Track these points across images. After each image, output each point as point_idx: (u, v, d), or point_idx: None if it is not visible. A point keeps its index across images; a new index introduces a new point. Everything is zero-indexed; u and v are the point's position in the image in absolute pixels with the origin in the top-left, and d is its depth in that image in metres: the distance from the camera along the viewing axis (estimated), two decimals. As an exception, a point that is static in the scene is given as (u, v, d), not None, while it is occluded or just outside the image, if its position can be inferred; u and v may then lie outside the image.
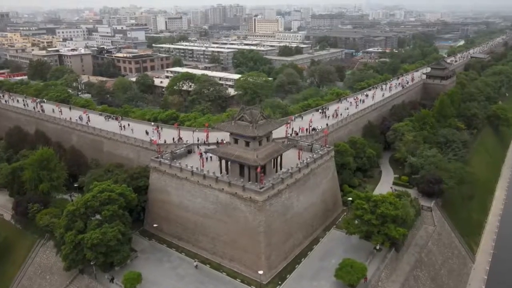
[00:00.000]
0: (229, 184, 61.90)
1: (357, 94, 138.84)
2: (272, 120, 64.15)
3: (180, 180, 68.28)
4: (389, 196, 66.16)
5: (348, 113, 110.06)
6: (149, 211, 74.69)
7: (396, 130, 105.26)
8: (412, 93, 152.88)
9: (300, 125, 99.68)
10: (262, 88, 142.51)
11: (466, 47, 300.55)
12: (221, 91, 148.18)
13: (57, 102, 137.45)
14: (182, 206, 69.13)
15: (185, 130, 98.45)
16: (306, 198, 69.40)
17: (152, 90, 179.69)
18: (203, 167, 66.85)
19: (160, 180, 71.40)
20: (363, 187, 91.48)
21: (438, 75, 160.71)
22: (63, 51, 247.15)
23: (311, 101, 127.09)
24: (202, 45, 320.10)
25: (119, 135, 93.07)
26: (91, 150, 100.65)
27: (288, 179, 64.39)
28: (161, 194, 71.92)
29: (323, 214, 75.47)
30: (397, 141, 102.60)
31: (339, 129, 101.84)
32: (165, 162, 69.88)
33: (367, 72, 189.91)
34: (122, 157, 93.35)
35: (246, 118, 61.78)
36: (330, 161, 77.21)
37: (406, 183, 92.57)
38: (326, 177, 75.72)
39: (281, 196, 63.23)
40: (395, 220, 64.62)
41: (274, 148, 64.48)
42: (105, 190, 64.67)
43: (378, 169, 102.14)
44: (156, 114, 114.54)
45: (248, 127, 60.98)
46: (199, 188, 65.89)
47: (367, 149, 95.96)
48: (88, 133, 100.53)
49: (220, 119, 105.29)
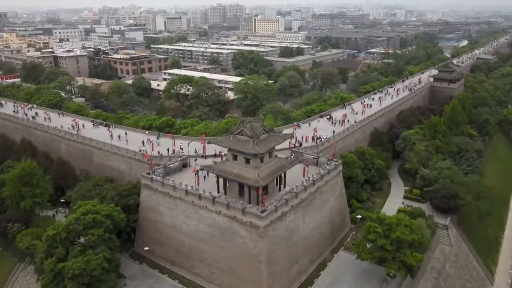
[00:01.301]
0: (227, 207, 55.51)
1: (363, 98, 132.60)
2: (275, 134, 57.81)
3: (174, 200, 61.90)
4: (404, 218, 59.68)
5: (355, 119, 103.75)
6: (140, 232, 68.30)
7: (406, 139, 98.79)
8: (419, 97, 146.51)
9: (304, 133, 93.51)
10: (263, 92, 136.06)
11: (471, 48, 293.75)
12: (220, 96, 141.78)
13: (48, 107, 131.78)
14: (176, 228, 62.75)
15: (181, 139, 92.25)
16: (312, 219, 63.03)
17: (148, 94, 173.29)
18: (198, 186, 60.44)
19: (152, 199, 65.01)
20: (372, 202, 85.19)
21: (446, 78, 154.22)
22: (58, 53, 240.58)
23: (314, 106, 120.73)
24: (201, 45, 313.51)
25: (109, 145, 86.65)
26: (81, 161, 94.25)
27: (292, 200, 58.00)
28: (153, 214, 65.54)
29: (331, 234, 69.10)
30: (407, 151, 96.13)
31: (346, 138, 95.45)
32: (157, 179, 63.48)
33: (371, 75, 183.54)
34: (113, 168, 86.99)
35: (246, 132, 55.41)
36: (338, 177, 70.82)
37: (418, 196, 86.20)
38: (333, 195, 69.34)
39: (285, 219, 56.83)
40: (411, 244, 58.34)
41: (277, 165, 58.10)
42: (90, 211, 58.26)
43: (387, 180, 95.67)
44: (151, 121, 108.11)
45: (248, 143, 54.59)
46: (194, 209, 59.51)
47: (376, 160, 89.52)
48: (77, 142, 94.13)
49: (218, 128, 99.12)
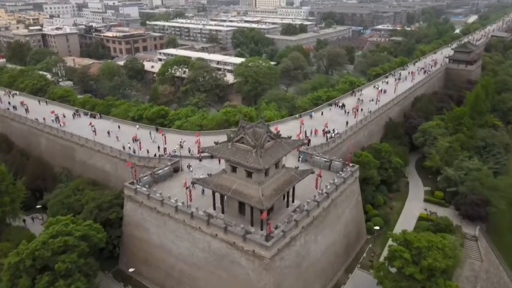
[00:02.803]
0: (224, 230, 45.80)
1: (375, 82, 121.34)
2: (282, 141, 47.50)
3: (161, 216, 52.18)
4: (436, 240, 50.01)
5: (369, 108, 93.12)
6: (125, 249, 58.96)
7: (426, 132, 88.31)
8: (434, 81, 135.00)
9: (312, 125, 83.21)
10: (265, 76, 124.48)
11: (482, 24, 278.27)
12: (219, 79, 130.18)
13: (32, 93, 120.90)
14: (165, 248, 53.32)
15: (174, 134, 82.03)
16: (325, 238, 53.51)
17: (142, 76, 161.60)
18: (190, 201, 50.57)
19: (137, 213, 55.31)
20: (389, 207, 75.58)
21: (463, 59, 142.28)
22: (47, 30, 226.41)
23: (321, 92, 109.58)
24: (199, 22, 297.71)
25: (92, 142, 76.43)
26: (62, 158, 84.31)
27: (303, 220, 48.25)
28: (138, 231, 56.00)
29: (345, 251, 59.83)
30: (427, 146, 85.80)
31: (358, 131, 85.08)
32: (141, 191, 53.53)
33: (380, 55, 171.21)
34: (97, 168, 77.13)
35: (247, 140, 45.08)
36: (354, 184, 60.94)
37: (440, 200, 76.54)
38: (349, 205, 59.64)
39: (295, 243, 47.26)
40: (444, 271, 49.04)
41: (285, 178, 48.02)
42: (60, 233, 48.62)
43: (404, 179, 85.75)
44: (142, 110, 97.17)
45: (250, 154, 44.36)
46: (186, 230, 49.87)
47: (393, 158, 79.40)
48: (58, 137, 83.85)
49: (215, 119, 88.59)
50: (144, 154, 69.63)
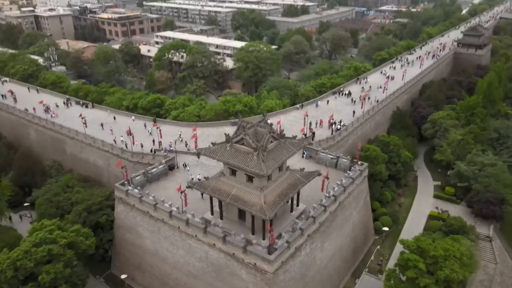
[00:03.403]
0: (223, 240, 41.79)
1: (382, 68, 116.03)
2: (287, 141, 42.99)
3: (155, 221, 48.14)
4: (453, 249, 46.01)
5: (376, 98, 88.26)
6: (117, 254, 55.21)
7: (436, 123, 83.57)
8: (442, 66, 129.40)
9: (316, 116, 78.77)
10: (266, 62, 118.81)
11: (490, 5, 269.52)
12: (218, 65, 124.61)
13: (23, 79, 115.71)
14: (159, 255, 49.46)
15: (171, 125, 77.59)
16: (332, 244, 49.62)
17: (138, 61, 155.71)
18: (186, 206, 46.43)
19: (129, 216, 51.27)
20: (397, 203, 71.61)
21: (473, 43, 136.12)
22: (40, 12, 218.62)
23: (325, 80, 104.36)
24: (197, 3, 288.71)
25: (83, 135, 71.94)
26: (52, 151, 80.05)
27: (310, 227, 44.21)
28: (131, 235, 52.07)
29: (352, 254, 56.08)
30: (437, 138, 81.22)
31: (365, 122, 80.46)
32: (133, 193, 49.32)
33: (385, 38, 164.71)
34: (89, 163, 72.91)
35: (248, 142, 40.55)
36: (362, 184, 56.71)
37: (451, 196, 72.48)
38: (357, 207, 55.56)
39: (300, 253, 43.33)
40: (461, 281, 45.34)
41: (290, 182, 43.70)
42: (44, 241, 44.66)
43: (412, 172, 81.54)
44: (136, 99, 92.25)
45: (251, 157, 39.92)
46: (181, 237, 45.89)
47: (402, 151, 74.96)
48: (47, 129, 79.28)
49: (214, 109, 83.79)
50: (138, 148, 65.40)
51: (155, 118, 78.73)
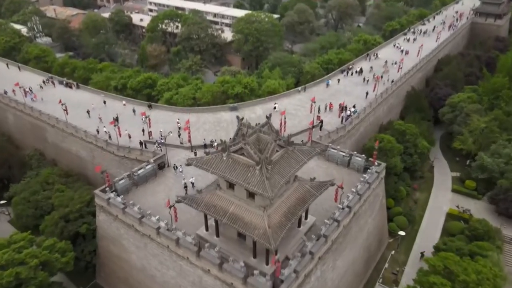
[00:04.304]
0: (219, 267, 35.40)
1: (394, 40, 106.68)
2: (295, 149, 35.70)
3: (141, 236, 41.66)
4: (486, 271, 39.76)
5: (388, 76, 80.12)
6: (102, 265, 49.22)
7: (456, 107, 75.76)
8: (458, 39, 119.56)
9: (324, 99, 71.18)
10: (268, 34, 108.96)
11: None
12: (215, 37, 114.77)
13: (3, 53, 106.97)
14: (147, 273, 43.37)
15: (162, 110, 70.05)
16: (345, 260, 43.44)
17: (130, 31, 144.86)
18: (176, 221, 39.77)
19: (112, 227, 44.80)
20: (413, 200, 65.15)
21: (491, 12, 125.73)
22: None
23: (332, 55, 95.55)
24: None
25: (64, 123, 64.42)
26: (33, 138, 72.86)
27: (321, 248, 37.75)
28: (116, 247, 45.82)
29: (365, 265, 50.18)
30: (457, 124, 73.70)
31: (378, 107, 72.68)
32: (115, 203, 42.53)
33: (396, 6, 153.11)
34: (72, 154, 65.88)
35: (249, 153, 33.29)
36: (379, 187, 49.88)
37: (472, 190, 65.96)
38: (372, 213, 49.01)
39: (310, 279, 37.09)
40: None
41: (298, 195, 36.78)
42: (12, 262, 38.33)
43: (428, 162, 74.65)
44: (125, 79, 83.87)
45: (252, 172, 32.81)
46: (171, 257, 39.56)
47: (419, 141, 67.70)
48: (26, 114, 71.66)
49: (211, 91, 75.67)
50: (125, 140, 58.19)
51: (150, 104, 70.89)
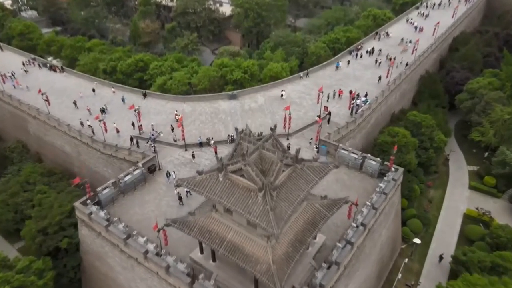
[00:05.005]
0: (215, 303, 30.69)
1: (407, 14, 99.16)
2: (305, 167, 30.11)
3: (127, 258, 36.74)
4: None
5: (402, 57, 73.55)
6: (87, 280, 44.67)
7: (476, 94, 69.47)
8: (474, 14, 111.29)
9: (332, 84, 65.33)
10: (270, 9, 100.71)
11: None
12: (213, 12, 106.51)
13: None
14: (136, 295, 38.81)
15: (154, 98, 64.06)
16: (357, 281, 38.75)
17: (122, 3, 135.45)
18: (166, 245, 34.75)
19: (96, 243, 39.88)
20: (427, 199, 60.06)
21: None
22: None
23: (339, 33, 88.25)
24: None
25: (45, 115, 58.52)
26: (14, 128, 67.33)
27: (335, 276, 32.88)
28: (101, 264, 41.07)
29: (377, 279, 45.65)
30: (476, 113, 67.66)
31: (390, 94, 66.49)
32: (97, 220, 37.34)
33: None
34: (56, 148, 60.40)
35: (250, 175, 27.75)
36: (395, 195, 44.63)
37: (492, 188, 60.83)
38: (387, 224, 44.01)
39: (319, 313, 32.44)
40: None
41: (307, 217, 31.54)
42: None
43: (443, 154, 69.11)
44: (115, 61, 77.05)
45: (254, 198, 27.42)
46: (161, 285, 34.72)
47: (436, 134, 61.91)
48: (5, 103, 65.62)
49: (207, 75, 69.26)
50: (112, 135, 52.65)
51: (145, 92, 64.69)
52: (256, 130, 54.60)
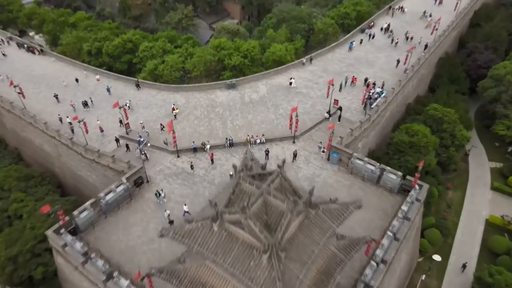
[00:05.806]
0: None
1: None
2: (320, 210, 24.01)
3: (109, 298, 31.64)
4: None
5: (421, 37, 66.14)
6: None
7: (500, 80, 62.36)
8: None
9: (342, 73, 58.50)
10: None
11: None
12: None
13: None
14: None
15: (145, 87, 57.39)
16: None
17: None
18: (153, 290, 29.54)
19: (74, 276, 34.64)
20: (446, 202, 54.55)
21: None
22: None
23: (348, 7, 79.90)
24: None
25: (20, 110, 51.96)
26: (-10, 121, 60.72)
27: (349, 333, 27.91)
28: (81, 296, 36.10)
29: (394, 303, 40.93)
30: (502, 104, 60.86)
31: (408, 83, 59.53)
32: (72, 253, 31.90)
33: None
34: (35, 146, 54.30)
35: (251, 229, 21.89)
36: (418, 215, 38.95)
37: (516, 189, 55.35)
38: (407, 246, 38.66)
39: None
40: None
41: (320, 265, 25.83)
42: None
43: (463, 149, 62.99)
44: (100, 42, 69.23)
45: (257, 260, 21.70)
46: (148, 334, 29.84)
47: (458, 130, 55.48)
48: (-23, 93, 58.81)
49: (203, 59, 62.03)
50: (96, 136, 46.59)
51: (137, 82, 57.61)
52: (258, 127, 48.64)
